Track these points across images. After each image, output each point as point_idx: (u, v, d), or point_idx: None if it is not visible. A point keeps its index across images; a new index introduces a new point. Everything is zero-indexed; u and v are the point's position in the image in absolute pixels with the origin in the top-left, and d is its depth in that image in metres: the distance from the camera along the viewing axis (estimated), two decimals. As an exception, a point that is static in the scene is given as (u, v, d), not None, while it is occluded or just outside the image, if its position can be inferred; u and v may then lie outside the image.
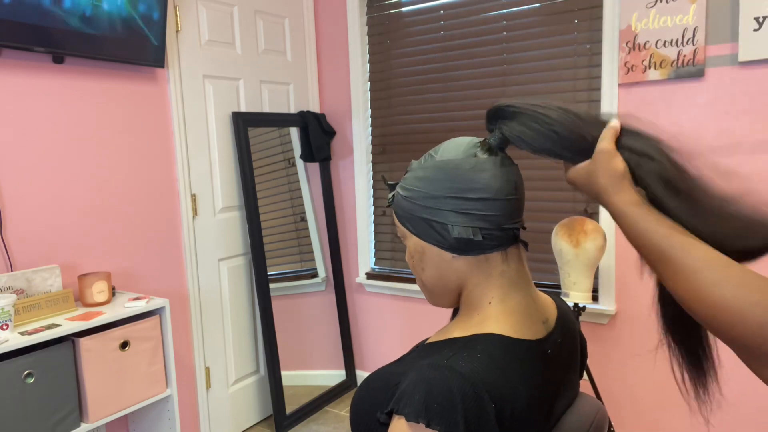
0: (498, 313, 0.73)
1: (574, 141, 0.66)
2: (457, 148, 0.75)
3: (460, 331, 0.74)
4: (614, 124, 0.64)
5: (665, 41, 2.07)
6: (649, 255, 0.55)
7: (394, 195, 0.80)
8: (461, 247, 0.73)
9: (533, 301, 0.76)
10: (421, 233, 0.76)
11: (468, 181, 0.72)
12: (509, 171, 0.73)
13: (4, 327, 1.59)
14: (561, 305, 0.85)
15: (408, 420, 0.60)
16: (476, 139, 0.76)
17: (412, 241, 0.78)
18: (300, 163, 2.97)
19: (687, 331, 0.62)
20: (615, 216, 0.61)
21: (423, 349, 0.75)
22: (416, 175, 0.76)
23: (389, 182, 0.83)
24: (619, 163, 0.62)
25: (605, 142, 0.63)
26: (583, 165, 0.66)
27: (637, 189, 0.61)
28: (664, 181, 0.59)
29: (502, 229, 0.72)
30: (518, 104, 0.69)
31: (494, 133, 0.73)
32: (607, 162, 0.62)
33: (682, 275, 0.49)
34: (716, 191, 0.56)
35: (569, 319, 0.84)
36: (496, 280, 0.74)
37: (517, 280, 0.75)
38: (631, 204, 0.59)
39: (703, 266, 0.48)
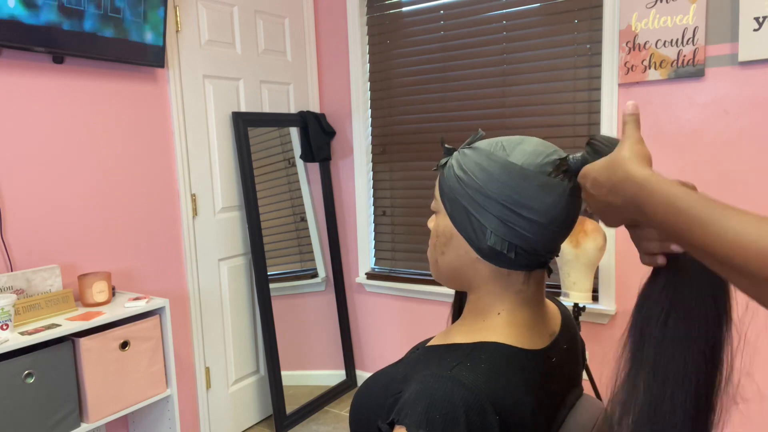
0: (504, 324, 0.71)
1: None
2: (533, 155, 0.69)
3: (463, 336, 0.72)
4: (632, 109, 0.60)
5: (665, 41, 2.07)
6: (677, 220, 0.53)
7: (447, 162, 0.75)
8: (490, 254, 0.71)
9: (542, 319, 0.76)
10: (457, 219, 0.72)
11: (529, 197, 0.67)
12: (574, 203, 0.70)
13: (4, 327, 1.59)
14: (564, 311, 0.84)
15: (409, 431, 0.59)
16: (556, 154, 0.70)
17: (444, 222, 0.74)
18: (300, 163, 2.97)
19: None
20: (639, 186, 0.56)
21: (424, 353, 0.73)
22: (480, 163, 0.70)
23: (447, 146, 0.77)
24: (645, 149, 0.59)
25: (631, 127, 0.60)
26: (603, 158, 0.62)
27: None
28: None
29: (537, 254, 0.70)
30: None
31: (582, 154, 0.68)
32: (634, 144, 0.59)
33: (719, 233, 0.49)
34: None
35: (571, 324, 0.84)
36: (512, 296, 0.72)
37: (532, 299, 0.73)
38: (654, 174, 0.57)
39: (743, 223, 0.48)
